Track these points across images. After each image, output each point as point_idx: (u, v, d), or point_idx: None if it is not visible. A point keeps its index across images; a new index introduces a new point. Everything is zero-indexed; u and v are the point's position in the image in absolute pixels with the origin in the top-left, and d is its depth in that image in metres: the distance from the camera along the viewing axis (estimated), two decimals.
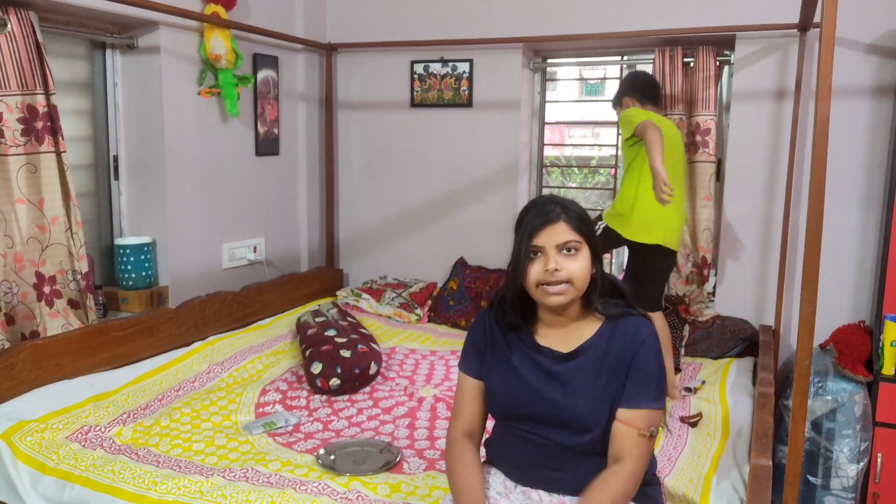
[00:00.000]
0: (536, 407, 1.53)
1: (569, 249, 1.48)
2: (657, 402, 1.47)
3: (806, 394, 1.52)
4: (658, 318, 2.70)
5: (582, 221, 1.50)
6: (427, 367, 2.95)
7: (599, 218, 2.80)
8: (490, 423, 1.66)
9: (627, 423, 1.45)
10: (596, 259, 1.53)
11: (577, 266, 1.48)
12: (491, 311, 1.64)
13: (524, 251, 1.49)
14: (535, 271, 1.48)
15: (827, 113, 1.44)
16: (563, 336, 1.56)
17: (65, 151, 2.55)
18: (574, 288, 1.48)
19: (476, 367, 1.62)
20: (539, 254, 1.48)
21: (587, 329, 1.55)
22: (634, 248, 2.70)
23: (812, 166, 1.47)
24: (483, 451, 1.68)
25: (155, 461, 2.03)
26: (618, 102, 2.92)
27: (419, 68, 3.73)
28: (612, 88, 3.81)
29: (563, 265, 1.46)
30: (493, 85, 3.60)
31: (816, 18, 2.64)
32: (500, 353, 1.60)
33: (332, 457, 2.08)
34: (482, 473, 1.55)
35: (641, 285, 2.67)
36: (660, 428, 1.52)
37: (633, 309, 1.57)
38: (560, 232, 1.47)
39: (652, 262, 2.70)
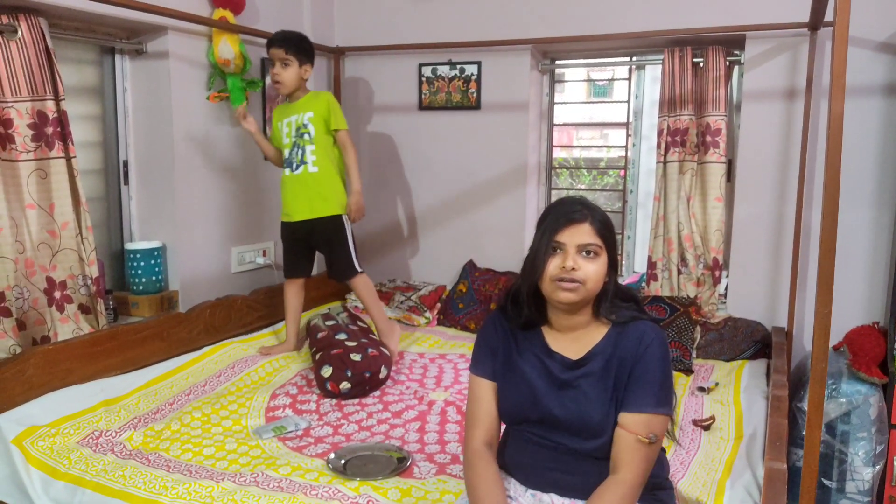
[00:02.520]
0: (544, 412, 1.52)
1: (588, 252, 1.48)
2: (659, 408, 1.45)
3: (821, 398, 1.50)
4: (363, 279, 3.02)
5: (605, 227, 1.51)
6: (436, 370, 2.94)
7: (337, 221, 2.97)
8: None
9: (626, 428, 1.44)
10: (612, 268, 1.53)
11: (594, 269, 1.48)
12: (501, 312, 1.63)
13: (545, 246, 1.49)
14: (552, 266, 1.48)
15: (841, 111, 1.42)
16: (573, 341, 1.55)
17: (75, 156, 2.56)
18: (585, 289, 1.48)
19: (490, 369, 1.61)
20: (559, 250, 1.49)
21: (596, 334, 1.55)
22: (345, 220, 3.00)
23: (826, 165, 1.45)
24: None
25: (165, 466, 2.03)
26: (301, 58, 2.92)
27: (427, 71, 3.72)
28: (620, 90, 3.80)
29: (580, 265, 1.47)
30: (502, 87, 3.59)
31: (827, 17, 2.62)
32: (510, 356, 1.59)
33: (343, 461, 2.07)
34: (504, 490, 1.53)
35: (354, 252, 3.01)
36: (665, 436, 1.50)
37: (643, 314, 1.56)
38: (583, 233, 1.48)
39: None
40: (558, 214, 1.50)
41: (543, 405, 1.52)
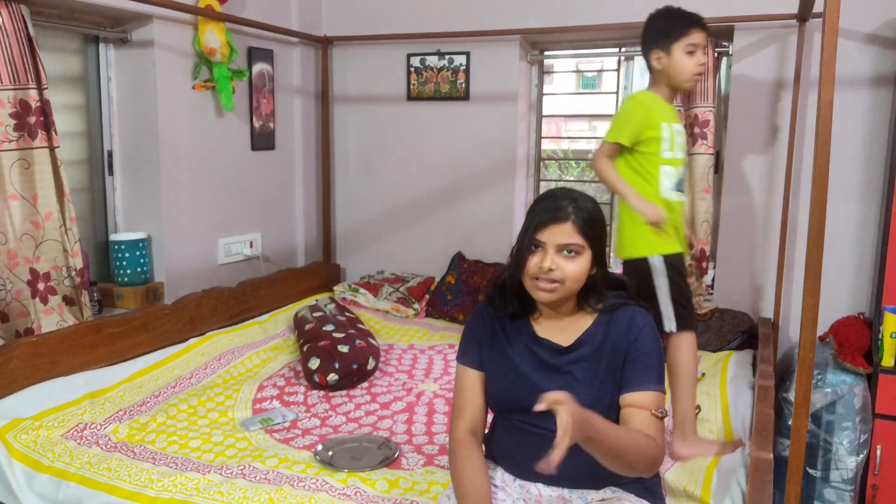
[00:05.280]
0: (534, 399, 1.52)
1: (569, 251, 1.47)
2: (661, 385, 1.49)
3: (808, 387, 1.51)
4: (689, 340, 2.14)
5: (589, 224, 1.48)
6: (426, 361, 2.94)
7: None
8: (488, 417, 1.65)
9: (639, 406, 1.45)
10: (597, 262, 1.52)
11: (573, 269, 1.47)
12: (489, 302, 1.64)
13: (527, 242, 1.49)
14: (531, 264, 1.48)
15: (830, 99, 1.42)
16: (561, 328, 1.56)
17: (58, 147, 2.52)
18: (564, 288, 1.48)
19: (477, 359, 1.61)
20: (539, 248, 1.48)
21: (584, 321, 1.56)
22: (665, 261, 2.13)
23: (815, 154, 1.45)
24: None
25: (151, 458, 2.01)
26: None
27: (416, 61, 3.70)
28: (608, 81, 3.79)
29: (559, 265, 1.46)
30: (490, 78, 3.58)
31: (816, 8, 2.63)
32: (499, 345, 1.60)
33: (330, 453, 2.06)
34: (489, 476, 1.54)
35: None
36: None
37: (629, 299, 1.57)
38: (564, 233, 1.46)
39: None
40: (543, 211, 1.49)
41: (533, 392, 1.52)
